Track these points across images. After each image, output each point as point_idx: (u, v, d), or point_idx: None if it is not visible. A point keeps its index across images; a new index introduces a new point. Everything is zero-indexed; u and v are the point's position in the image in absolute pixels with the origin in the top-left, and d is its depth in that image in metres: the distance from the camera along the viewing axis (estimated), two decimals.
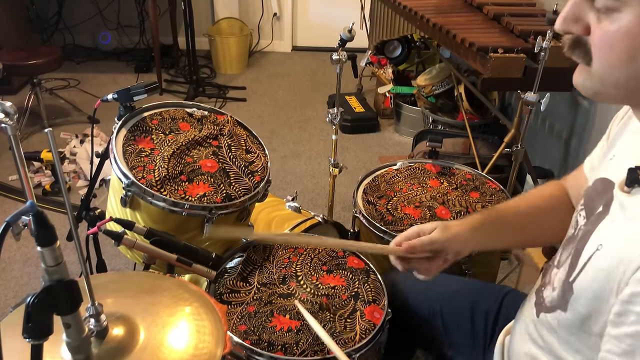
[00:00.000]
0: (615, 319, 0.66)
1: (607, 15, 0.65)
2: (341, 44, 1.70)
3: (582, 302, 0.74)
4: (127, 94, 1.34)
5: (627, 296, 0.64)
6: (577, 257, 0.77)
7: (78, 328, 0.70)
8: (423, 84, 3.12)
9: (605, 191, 0.78)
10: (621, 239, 0.69)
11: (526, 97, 1.83)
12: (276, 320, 1.13)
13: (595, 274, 0.71)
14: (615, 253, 0.68)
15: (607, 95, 0.71)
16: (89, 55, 4.40)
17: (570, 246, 0.82)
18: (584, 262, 0.74)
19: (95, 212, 1.56)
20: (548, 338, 0.83)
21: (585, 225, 0.80)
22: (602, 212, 0.76)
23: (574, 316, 0.76)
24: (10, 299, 2.09)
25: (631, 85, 0.67)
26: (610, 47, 0.66)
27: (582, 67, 0.71)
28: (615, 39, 0.65)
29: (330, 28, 4.28)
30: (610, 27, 0.65)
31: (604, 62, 0.67)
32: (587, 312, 0.73)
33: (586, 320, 0.74)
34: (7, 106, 0.63)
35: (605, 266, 0.70)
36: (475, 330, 1.15)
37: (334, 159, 1.95)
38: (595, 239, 0.74)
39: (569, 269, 0.78)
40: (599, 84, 0.70)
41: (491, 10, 2.27)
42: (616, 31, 0.64)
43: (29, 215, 0.62)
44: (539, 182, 2.27)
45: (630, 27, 0.63)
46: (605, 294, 0.69)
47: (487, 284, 1.27)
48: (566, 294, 0.77)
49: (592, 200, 0.81)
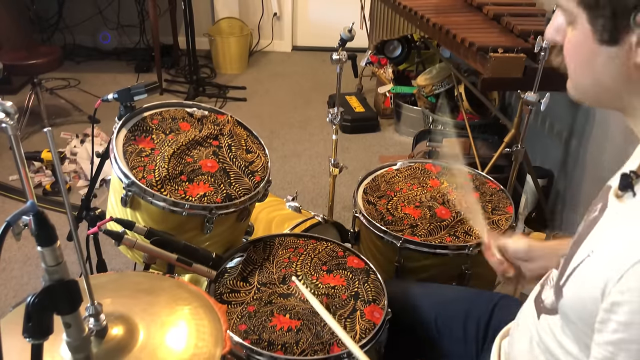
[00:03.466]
0: (598, 327, 0.67)
1: (572, 26, 0.70)
2: (341, 43, 1.70)
3: (570, 307, 0.75)
4: (128, 93, 1.34)
5: (609, 305, 0.65)
6: (568, 261, 0.77)
7: (78, 328, 0.70)
8: (423, 84, 3.12)
9: (603, 195, 0.79)
10: (609, 247, 0.69)
11: (526, 97, 1.83)
12: (276, 320, 1.13)
13: (583, 281, 0.72)
14: (603, 261, 0.69)
15: (587, 101, 0.77)
16: (89, 55, 4.40)
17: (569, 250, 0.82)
18: (574, 267, 0.75)
19: (95, 212, 1.57)
20: (547, 340, 0.83)
21: (582, 230, 0.80)
22: (596, 217, 0.77)
23: (565, 321, 0.77)
24: (10, 299, 2.09)
25: (595, 90, 0.73)
26: (572, 54, 0.72)
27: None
28: (575, 48, 0.71)
29: (330, 28, 4.26)
30: (571, 37, 0.71)
31: (572, 69, 0.73)
32: (575, 317, 0.74)
33: (576, 325, 0.74)
34: (8, 106, 0.63)
35: (592, 273, 0.70)
36: (467, 338, 1.16)
37: (334, 159, 1.95)
38: (588, 244, 0.75)
39: (560, 272, 0.79)
40: (575, 89, 0.75)
41: (491, 10, 2.27)
42: (574, 41, 0.70)
43: (30, 215, 0.62)
44: (539, 182, 2.27)
45: (580, 36, 0.69)
46: (592, 301, 0.69)
47: (480, 292, 1.29)
48: (557, 298, 0.78)
49: (591, 205, 0.82)
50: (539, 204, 2.32)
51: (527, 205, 2.37)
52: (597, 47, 0.67)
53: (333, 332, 1.10)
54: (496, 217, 1.53)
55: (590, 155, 2.11)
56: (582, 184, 2.16)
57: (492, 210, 1.55)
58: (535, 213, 2.33)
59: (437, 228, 1.47)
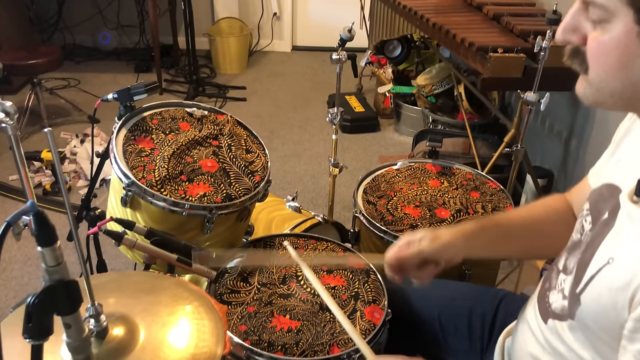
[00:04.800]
0: (630, 335, 0.66)
1: (600, 25, 0.67)
2: (341, 43, 1.70)
3: (589, 314, 0.73)
4: (127, 93, 1.34)
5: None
6: (584, 267, 0.76)
7: (78, 328, 0.70)
8: (423, 84, 3.12)
9: (611, 197, 0.77)
10: (633, 254, 0.68)
11: (526, 97, 1.83)
12: (276, 321, 1.13)
13: (604, 289, 0.71)
14: (628, 268, 0.68)
15: (607, 104, 0.73)
16: (89, 55, 4.40)
17: (577, 252, 0.81)
18: (592, 274, 0.73)
19: (95, 212, 1.56)
20: (557, 345, 0.82)
21: (592, 231, 0.79)
22: (608, 220, 0.75)
23: (581, 327, 0.76)
24: (10, 299, 2.09)
25: (627, 94, 0.69)
26: (603, 57, 0.67)
27: (582, 77, 0.73)
28: (608, 49, 0.67)
29: (330, 28, 4.27)
30: (602, 37, 0.67)
31: (599, 71, 0.69)
32: (596, 325, 0.73)
33: (594, 332, 0.73)
34: (7, 106, 0.63)
35: (616, 282, 0.69)
36: (472, 335, 1.15)
37: (334, 159, 1.95)
38: (605, 251, 0.73)
39: (575, 279, 0.78)
40: (596, 92, 0.71)
41: (491, 10, 2.27)
42: (608, 41, 0.66)
43: (30, 215, 0.62)
44: (539, 182, 2.27)
45: (621, 37, 0.65)
46: (616, 310, 0.68)
47: (484, 288, 1.27)
48: (574, 305, 0.77)
49: (597, 205, 0.81)
50: None
51: None
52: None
53: (333, 333, 1.10)
54: None
55: (590, 155, 2.11)
56: None
57: (492, 210, 1.56)
58: None
59: (437, 228, 1.47)
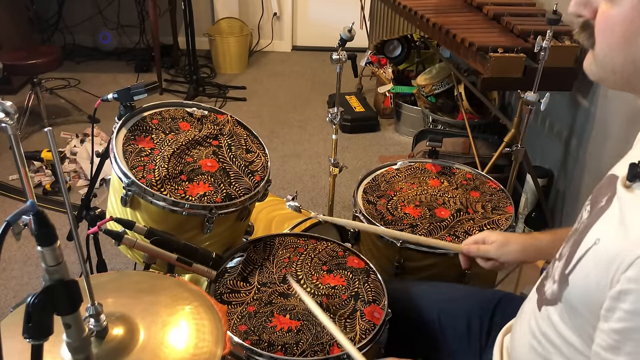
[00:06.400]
0: (605, 314, 0.68)
1: (614, 0, 0.67)
2: (341, 43, 1.69)
3: (576, 295, 0.75)
4: (127, 93, 1.34)
5: (616, 293, 0.66)
6: (574, 249, 0.78)
7: (78, 328, 0.70)
8: (423, 84, 3.12)
9: (610, 185, 0.79)
10: (617, 235, 0.70)
11: (526, 97, 1.83)
12: (276, 320, 1.13)
13: (590, 269, 0.72)
14: (611, 248, 0.69)
15: (609, 81, 0.74)
16: (89, 55, 4.40)
17: (572, 239, 0.82)
18: (581, 255, 0.75)
19: (95, 212, 1.56)
20: (548, 331, 0.83)
21: (588, 219, 0.80)
22: (604, 206, 0.77)
23: (568, 310, 0.77)
24: (10, 299, 2.09)
25: (627, 70, 0.70)
26: (609, 31, 0.69)
27: (589, 53, 0.74)
28: (615, 23, 0.68)
29: (330, 28, 4.27)
30: (611, 11, 0.68)
31: (603, 46, 0.70)
32: (581, 305, 0.74)
33: (580, 314, 0.74)
34: (8, 106, 0.63)
35: (600, 261, 0.70)
36: (471, 335, 1.16)
37: (334, 159, 1.95)
38: (594, 232, 0.75)
39: (566, 261, 0.79)
40: (600, 69, 0.73)
41: (491, 10, 2.27)
42: (616, 15, 0.67)
43: (30, 215, 0.62)
44: (539, 181, 2.27)
45: (628, 11, 0.66)
46: (599, 289, 0.69)
47: (482, 290, 1.29)
48: (563, 287, 0.78)
49: (597, 195, 0.82)
50: (539, 203, 2.32)
51: (527, 205, 2.37)
52: None
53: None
54: (496, 217, 1.53)
55: (590, 155, 2.11)
56: (582, 184, 2.16)
57: (492, 210, 1.56)
58: (535, 213, 2.33)
59: (437, 228, 1.48)
